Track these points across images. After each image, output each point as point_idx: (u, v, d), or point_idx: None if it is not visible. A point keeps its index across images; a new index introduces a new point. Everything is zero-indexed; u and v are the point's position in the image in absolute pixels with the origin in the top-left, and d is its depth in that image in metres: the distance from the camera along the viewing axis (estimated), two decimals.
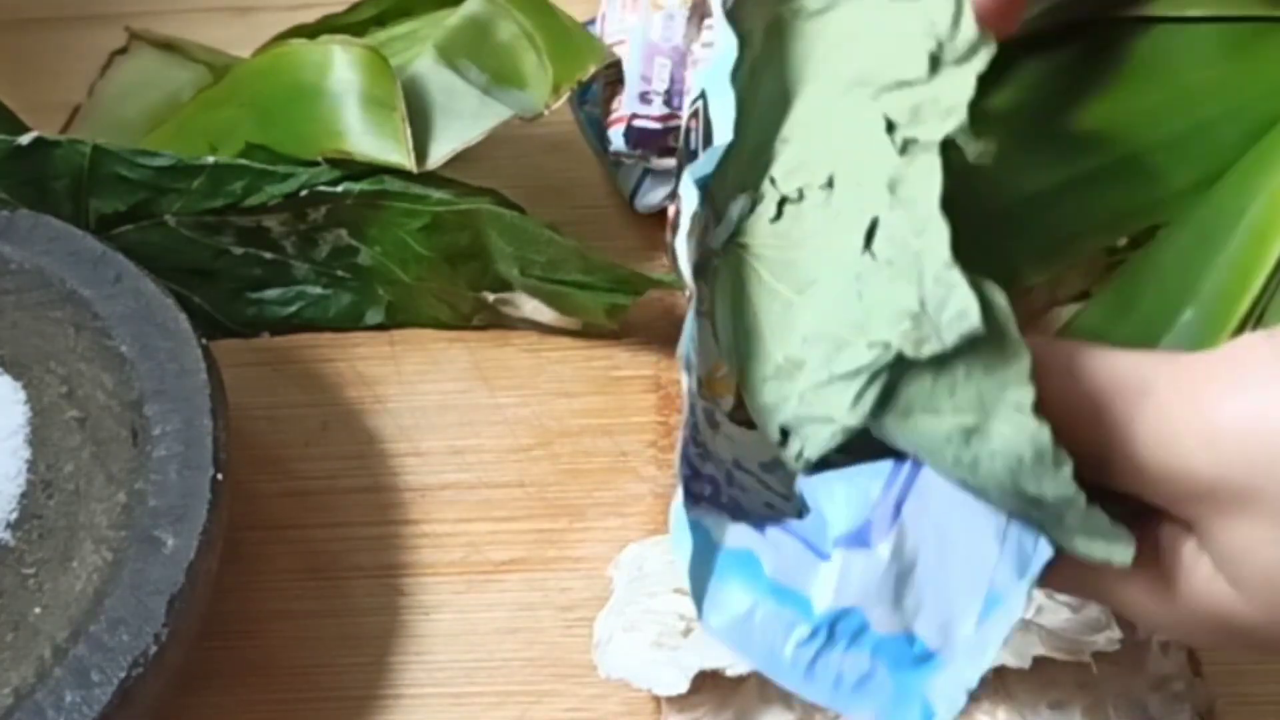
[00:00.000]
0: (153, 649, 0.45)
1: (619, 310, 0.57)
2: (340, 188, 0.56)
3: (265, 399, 0.57)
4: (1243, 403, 0.33)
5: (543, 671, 0.51)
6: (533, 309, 0.57)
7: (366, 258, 0.58)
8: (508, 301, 0.58)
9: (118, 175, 0.56)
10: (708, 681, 0.46)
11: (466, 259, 0.57)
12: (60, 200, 0.56)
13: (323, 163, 0.56)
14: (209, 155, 0.56)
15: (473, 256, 0.57)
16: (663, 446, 0.55)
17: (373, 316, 0.59)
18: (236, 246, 0.58)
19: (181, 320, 0.51)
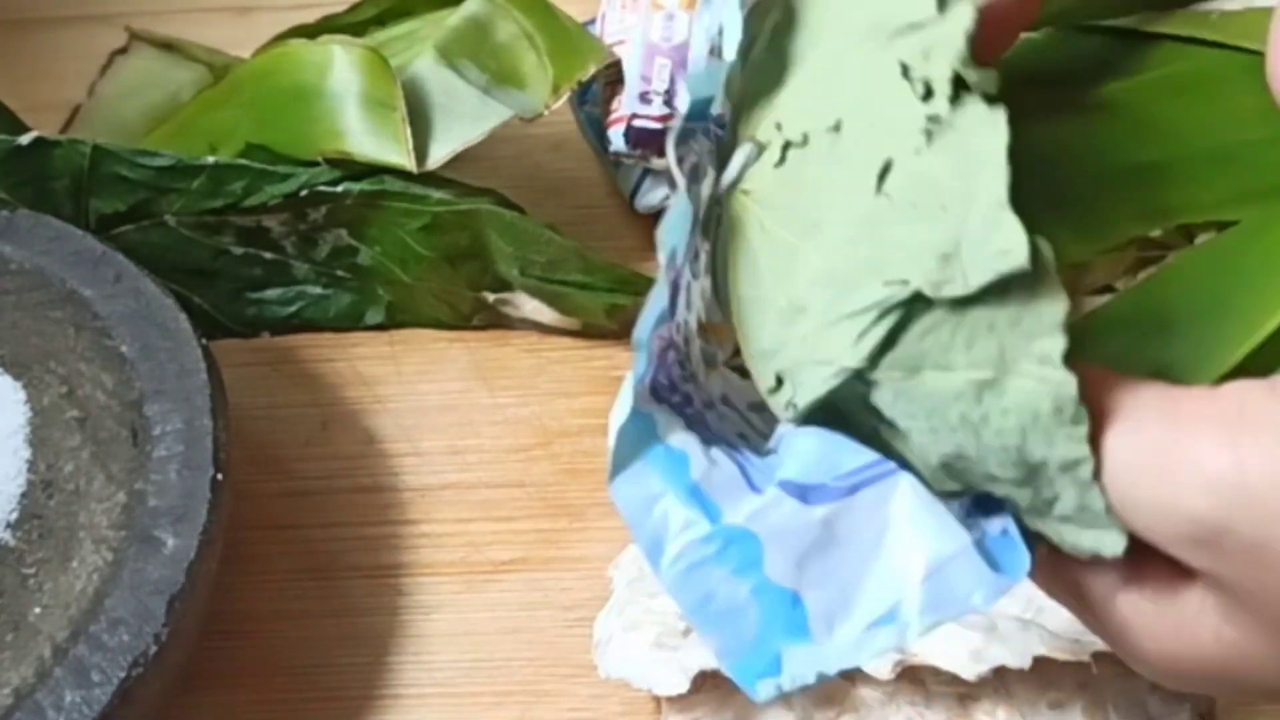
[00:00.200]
0: (153, 649, 0.45)
1: (619, 310, 0.57)
2: (340, 188, 0.56)
3: (265, 399, 0.57)
4: (1253, 455, 0.32)
5: (543, 671, 0.51)
6: (533, 309, 0.57)
7: (366, 258, 0.58)
8: (508, 301, 0.58)
9: (118, 175, 0.56)
10: (708, 682, 0.46)
11: (466, 259, 0.57)
12: (60, 200, 0.56)
13: (323, 163, 0.56)
14: (209, 155, 0.56)
15: (473, 256, 0.57)
16: None
17: (373, 316, 0.59)
18: (236, 246, 0.58)
19: (182, 320, 0.51)
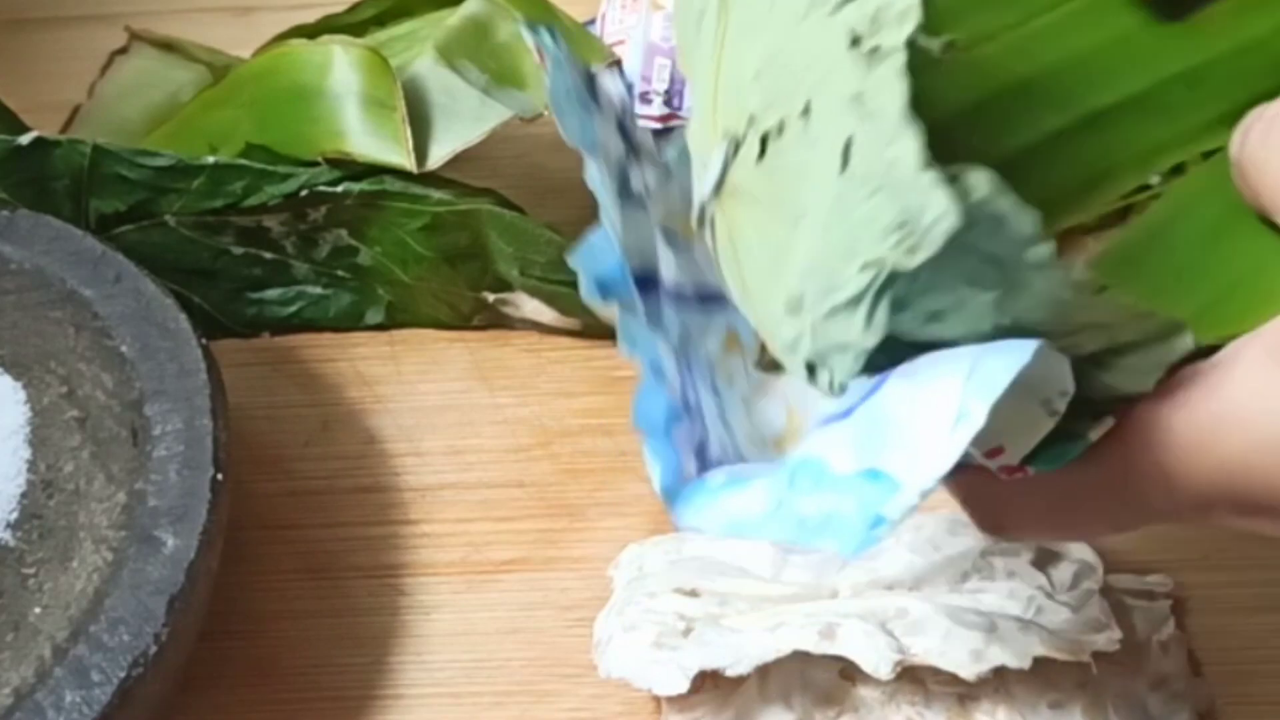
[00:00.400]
0: (153, 649, 0.45)
1: None
2: (340, 188, 0.56)
3: (265, 399, 0.57)
4: None
5: (543, 671, 0.51)
6: (533, 309, 0.57)
7: (366, 258, 0.58)
8: (508, 301, 0.58)
9: (118, 175, 0.56)
10: (708, 681, 0.46)
11: (466, 259, 0.57)
12: (60, 200, 0.56)
13: (323, 163, 0.56)
14: (209, 155, 0.56)
15: (473, 257, 0.57)
16: None
17: (373, 316, 0.59)
18: (236, 246, 0.57)
19: (181, 320, 0.51)
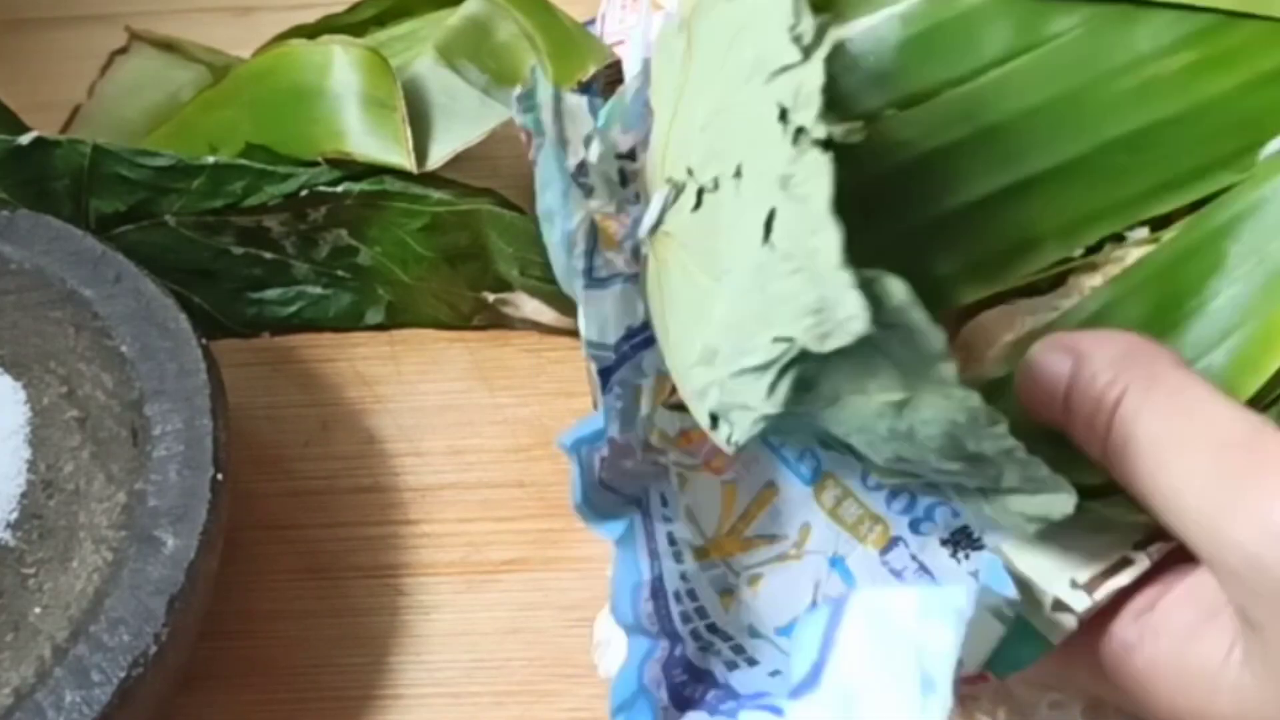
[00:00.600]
0: (153, 649, 0.45)
1: None
2: (340, 188, 0.56)
3: (265, 399, 0.57)
4: None
5: (543, 672, 0.51)
6: (533, 309, 0.57)
7: (366, 258, 0.58)
8: (508, 301, 0.58)
9: (118, 175, 0.56)
10: None
11: (466, 259, 0.57)
12: (60, 200, 0.56)
13: (323, 163, 0.56)
14: (209, 155, 0.56)
15: (473, 257, 0.57)
16: None
17: (373, 316, 0.59)
18: (236, 246, 0.57)
19: (181, 320, 0.51)
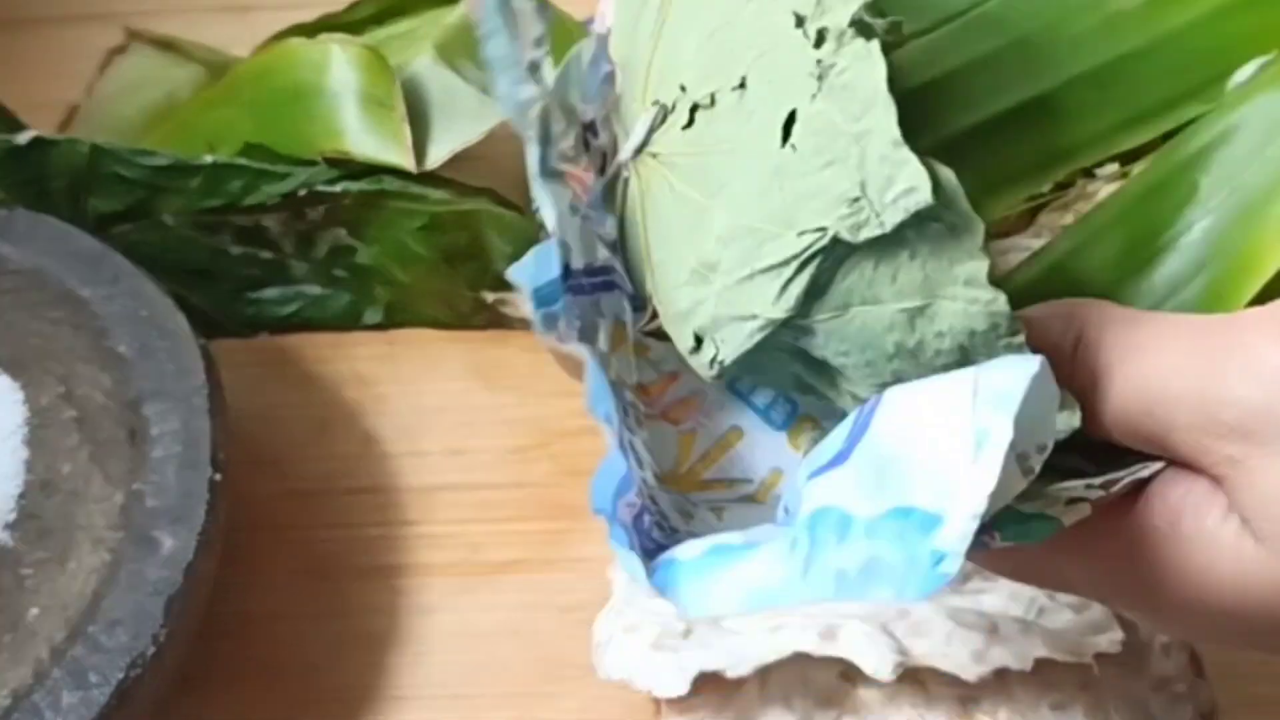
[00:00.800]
0: (151, 650, 0.45)
1: None
2: (339, 187, 0.56)
3: (264, 399, 0.57)
4: None
5: (542, 673, 0.51)
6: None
7: (365, 257, 0.57)
8: (507, 301, 0.58)
9: (116, 175, 0.56)
10: (708, 683, 0.46)
11: (465, 259, 0.57)
12: (59, 200, 0.56)
13: (321, 162, 0.56)
14: (207, 155, 0.56)
15: (472, 256, 0.57)
16: None
17: (371, 316, 0.59)
18: (235, 246, 0.57)
19: (180, 320, 0.51)
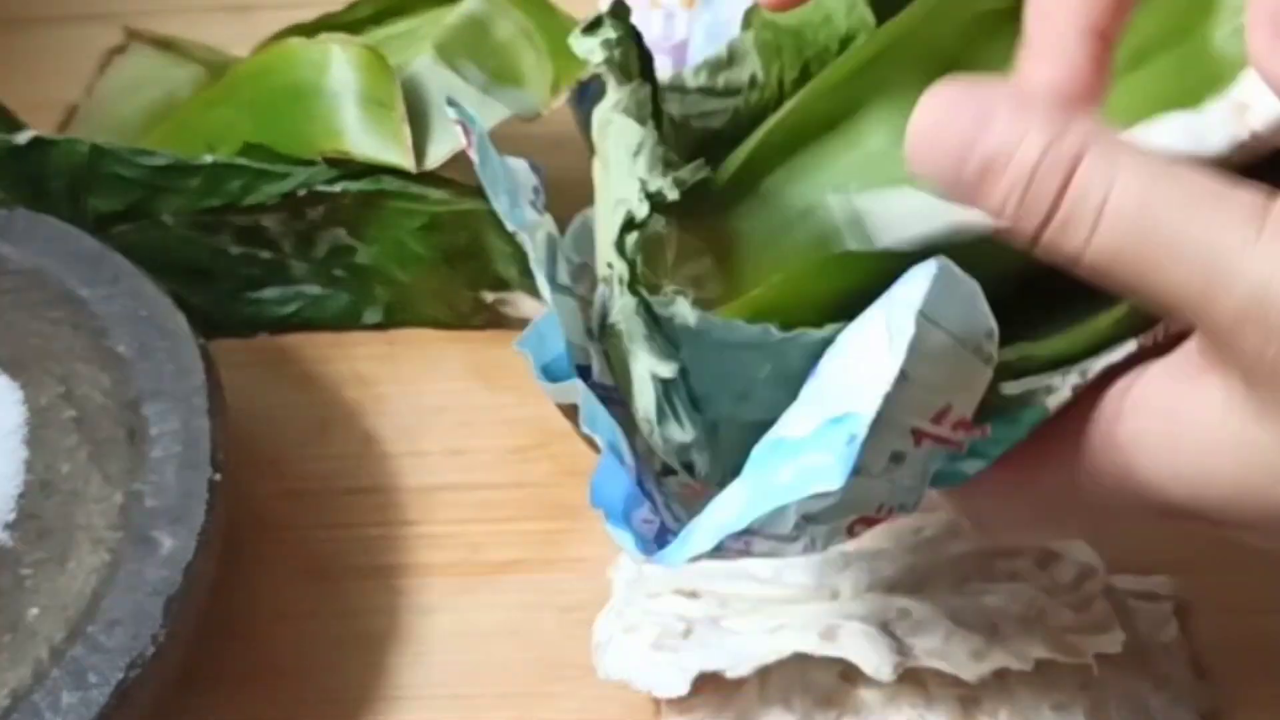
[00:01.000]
0: (150, 650, 0.45)
1: None
2: (338, 187, 0.55)
3: (264, 399, 0.57)
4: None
5: (542, 673, 0.51)
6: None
7: (365, 257, 0.57)
8: (507, 301, 0.58)
9: (116, 174, 0.56)
10: (708, 683, 0.46)
11: (465, 259, 0.57)
12: (58, 199, 0.56)
13: (321, 162, 0.56)
14: (207, 154, 0.56)
15: (471, 256, 0.57)
16: None
17: (371, 316, 0.59)
18: (234, 246, 0.57)
19: (179, 320, 0.51)
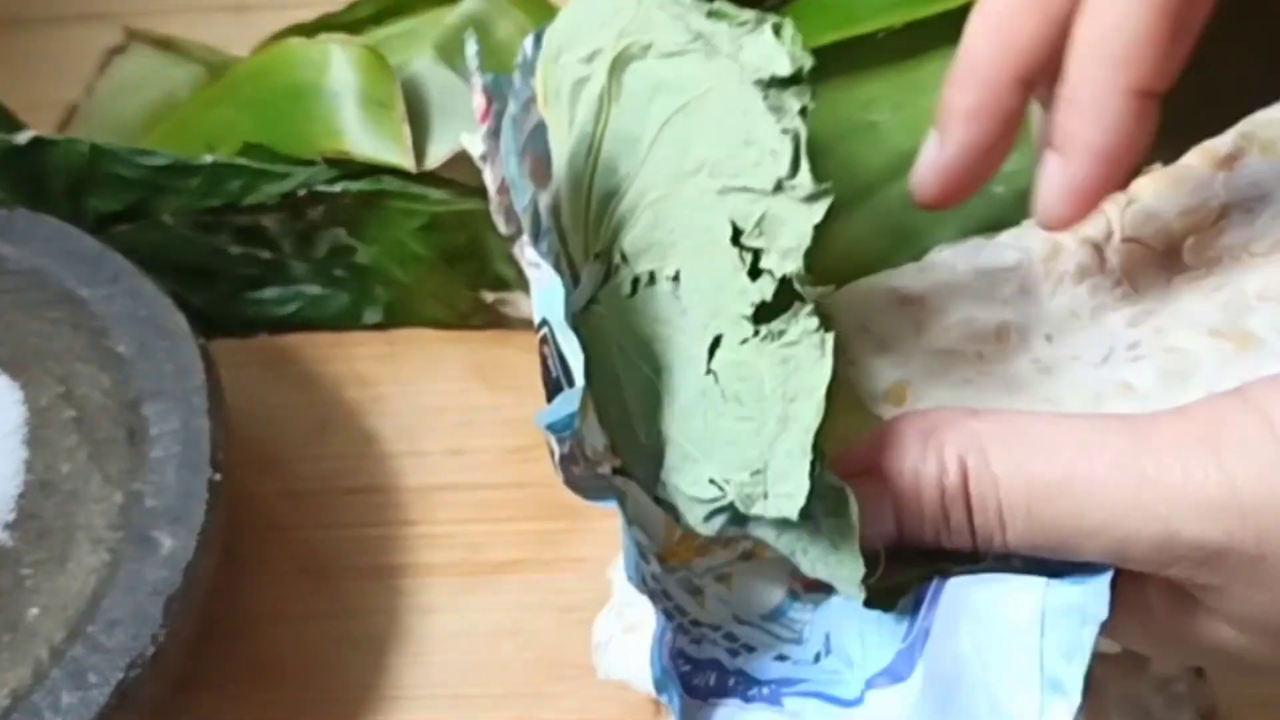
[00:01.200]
0: (150, 650, 0.45)
1: None
2: (338, 187, 0.55)
3: (263, 399, 0.57)
4: (1241, 470, 0.32)
5: (542, 673, 0.51)
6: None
7: (364, 257, 0.57)
8: (507, 301, 0.58)
9: (115, 174, 0.56)
10: None
11: (465, 259, 0.57)
12: (58, 199, 0.56)
13: (321, 162, 0.56)
14: (207, 154, 0.56)
15: (471, 256, 0.57)
16: None
17: (371, 316, 0.59)
18: (234, 246, 0.57)
19: (179, 320, 0.51)
